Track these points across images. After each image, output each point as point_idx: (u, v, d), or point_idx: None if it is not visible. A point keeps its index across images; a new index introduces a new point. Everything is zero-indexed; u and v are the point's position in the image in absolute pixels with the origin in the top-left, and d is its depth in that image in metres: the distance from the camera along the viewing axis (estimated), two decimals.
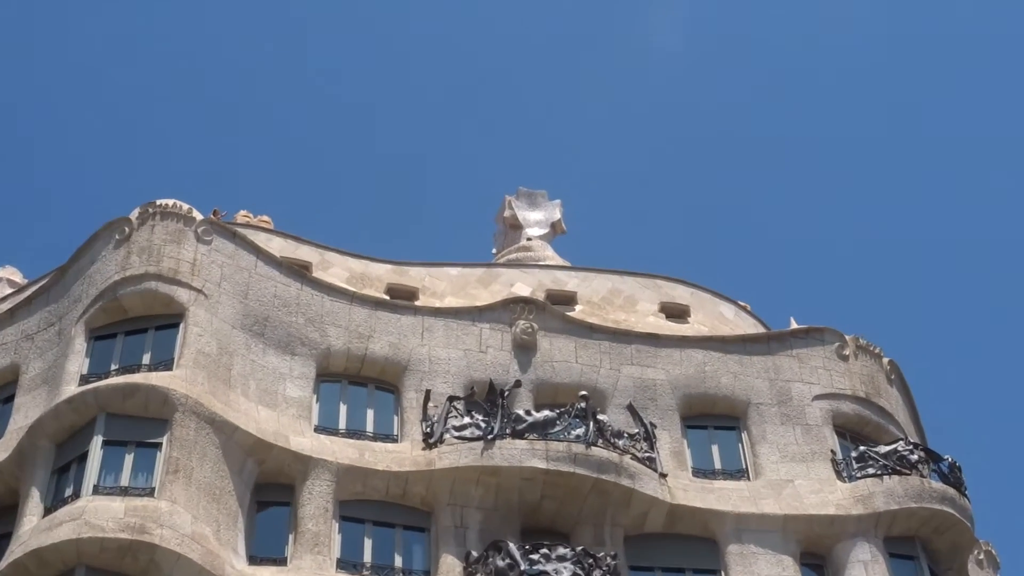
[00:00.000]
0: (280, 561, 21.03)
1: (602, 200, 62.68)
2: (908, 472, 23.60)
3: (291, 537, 21.36)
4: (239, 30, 66.12)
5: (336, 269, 27.32)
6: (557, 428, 22.58)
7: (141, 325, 22.84)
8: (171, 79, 65.37)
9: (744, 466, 24.07)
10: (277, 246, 26.86)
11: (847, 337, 26.20)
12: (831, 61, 66.65)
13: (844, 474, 23.82)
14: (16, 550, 19.88)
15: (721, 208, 65.33)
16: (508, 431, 22.48)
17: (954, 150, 64.70)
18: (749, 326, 28.76)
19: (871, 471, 23.65)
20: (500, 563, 20.88)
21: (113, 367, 22.17)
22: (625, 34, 67.44)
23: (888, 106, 65.84)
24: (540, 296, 27.44)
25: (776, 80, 66.62)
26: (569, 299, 27.98)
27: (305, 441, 22.22)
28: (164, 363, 22.08)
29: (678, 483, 23.21)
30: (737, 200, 65.30)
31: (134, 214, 24.07)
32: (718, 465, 24.09)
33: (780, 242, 64.49)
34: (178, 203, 24.30)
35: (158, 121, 65.13)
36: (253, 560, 20.92)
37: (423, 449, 22.52)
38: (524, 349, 24.68)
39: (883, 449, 24.02)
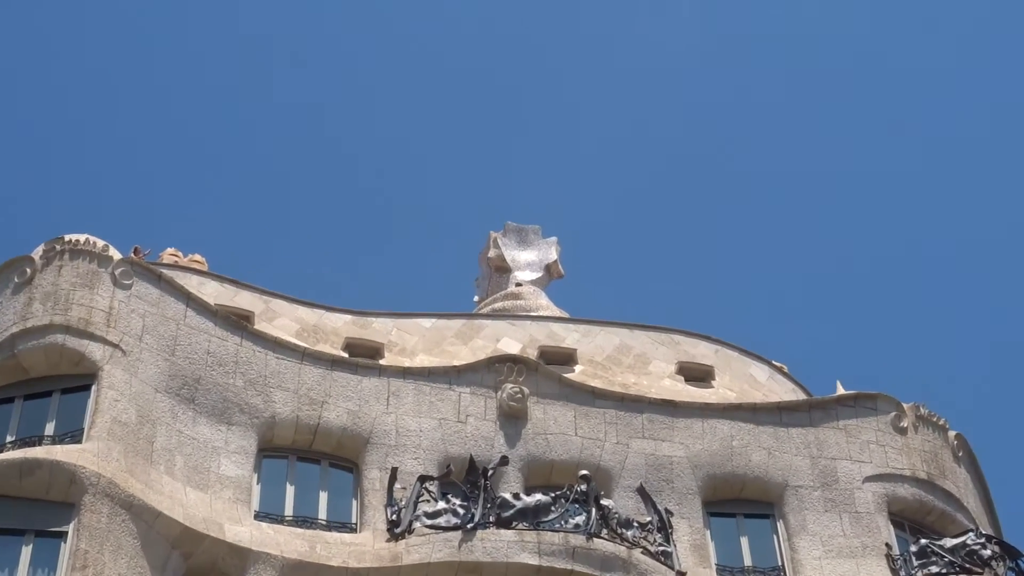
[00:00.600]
0: None
1: (606, 238, 62.98)
2: (980, 570, 23.59)
3: None
4: (169, 36, 66.63)
5: (284, 320, 27.32)
6: (552, 515, 22.50)
7: (44, 387, 22.77)
8: (84, 94, 65.77)
9: (780, 563, 24.08)
10: (212, 291, 26.87)
11: (905, 406, 26.26)
12: (866, 91, 67.22)
13: (902, 573, 23.80)
14: None
15: (750, 251, 65.61)
16: (492, 519, 22.40)
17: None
18: (786, 391, 28.81)
19: (934, 569, 23.62)
20: None
21: (9, 439, 22.08)
22: (635, 52, 68.14)
23: (941, 136, 66.34)
24: (532, 354, 27.46)
25: (810, 108, 67.25)
26: (567, 358, 28.03)
27: (243, 530, 22.10)
28: (71, 434, 21.99)
29: None
30: (769, 242, 65.73)
31: (37, 252, 24.09)
32: (748, 561, 24.10)
33: (823, 292, 64.81)
34: (91, 239, 24.32)
35: (68, 144, 65.43)
36: None
37: (388, 541, 22.41)
38: (512, 419, 24.69)
39: (949, 543, 24.02)
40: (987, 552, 23.91)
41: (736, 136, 67.43)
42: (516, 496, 22.83)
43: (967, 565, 23.64)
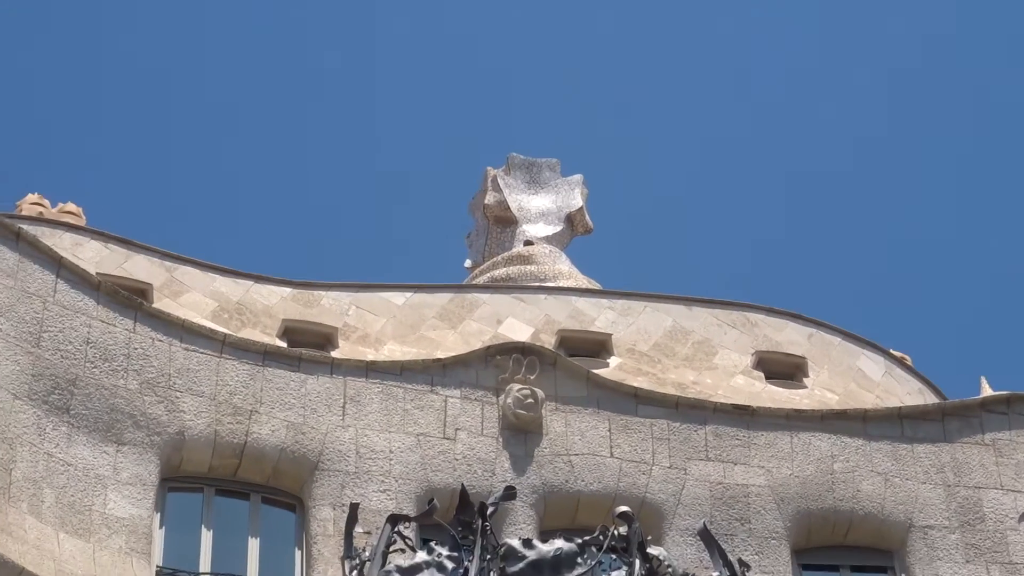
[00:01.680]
0: None
1: (650, 177, 63.07)
2: None
3: None
4: None
5: (195, 295, 27.44)
6: (579, 570, 22.54)
7: None
8: None
9: None
10: (93, 255, 27.01)
11: None
12: None
13: None
14: None
15: (854, 202, 65.77)
16: (494, 575, 22.53)
17: None
18: (910, 393, 28.99)
19: None
20: None
21: None
22: None
23: None
24: (549, 342, 27.67)
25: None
26: (599, 346, 28.31)
27: None
28: None
29: None
30: (881, 192, 65.90)
31: None
32: None
33: (956, 255, 64.97)
34: None
35: None
36: None
37: None
38: (521, 433, 24.86)
39: None
40: None
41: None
42: (527, 543, 22.85)
43: None
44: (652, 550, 22.96)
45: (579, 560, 22.66)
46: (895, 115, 68.08)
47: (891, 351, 30.26)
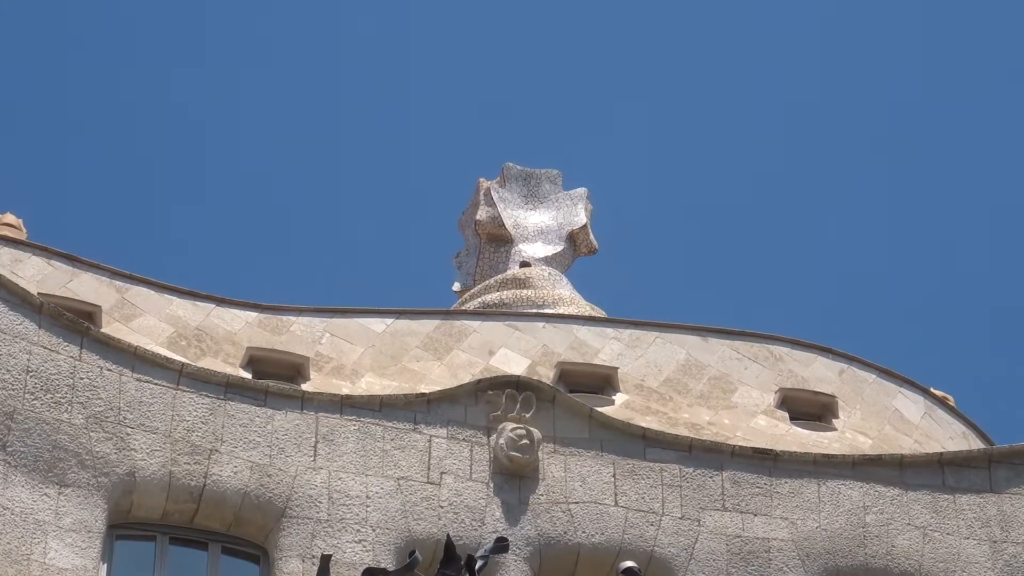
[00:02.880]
0: None
1: (663, 193, 63.20)
2: None
3: None
4: None
5: (149, 319, 27.52)
6: None
7: None
8: None
9: None
10: (34, 273, 27.05)
11: None
12: None
13: None
14: None
15: (884, 222, 65.93)
16: None
17: None
18: (952, 437, 29.04)
19: None
20: None
21: None
22: None
23: None
24: (546, 376, 27.72)
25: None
26: (604, 381, 28.39)
27: None
28: None
29: None
30: (913, 214, 66.06)
31: None
32: None
33: (1002, 288, 65.15)
34: None
35: None
36: None
37: None
38: (515, 478, 24.93)
39: None
40: None
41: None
42: None
43: None
44: None
45: None
46: (928, 141, 68.40)
47: (932, 390, 30.29)
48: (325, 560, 23.36)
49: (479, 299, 31.18)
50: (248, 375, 26.40)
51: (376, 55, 68.62)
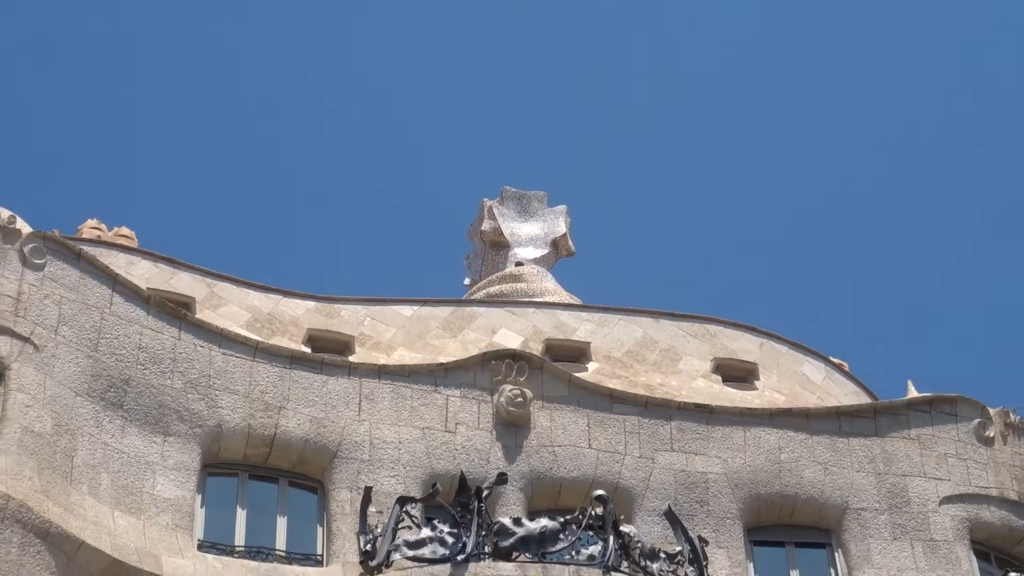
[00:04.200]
0: None
1: (626, 208, 63.09)
2: None
3: None
4: None
5: (232, 307, 27.44)
6: (560, 545, 22.58)
7: None
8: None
9: None
10: (143, 273, 27.05)
11: (991, 411, 26.44)
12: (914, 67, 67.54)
13: None
14: None
15: (798, 228, 65.78)
16: (488, 549, 22.46)
17: None
18: (846, 394, 29.00)
19: None
20: None
21: None
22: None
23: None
24: (536, 349, 27.67)
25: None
26: (579, 353, 28.23)
27: (185, 563, 22.26)
28: None
29: None
30: (822, 219, 65.90)
31: None
32: None
33: (888, 274, 64.99)
34: None
35: None
36: None
37: (361, 575, 22.59)
38: (512, 427, 24.85)
39: None
40: None
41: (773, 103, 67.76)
42: (517, 521, 22.85)
43: None
44: (624, 528, 22.97)
45: (561, 536, 22.63)
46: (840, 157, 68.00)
47: (830, 358, 30.26)
48: (367, 491, 23.31)
49: (484, 291, 31.12)
50: (308, 350, 26.35)
51: (410, 98, 68.44)
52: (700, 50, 69.40)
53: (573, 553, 22.52)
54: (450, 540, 22.59)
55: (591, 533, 22.73)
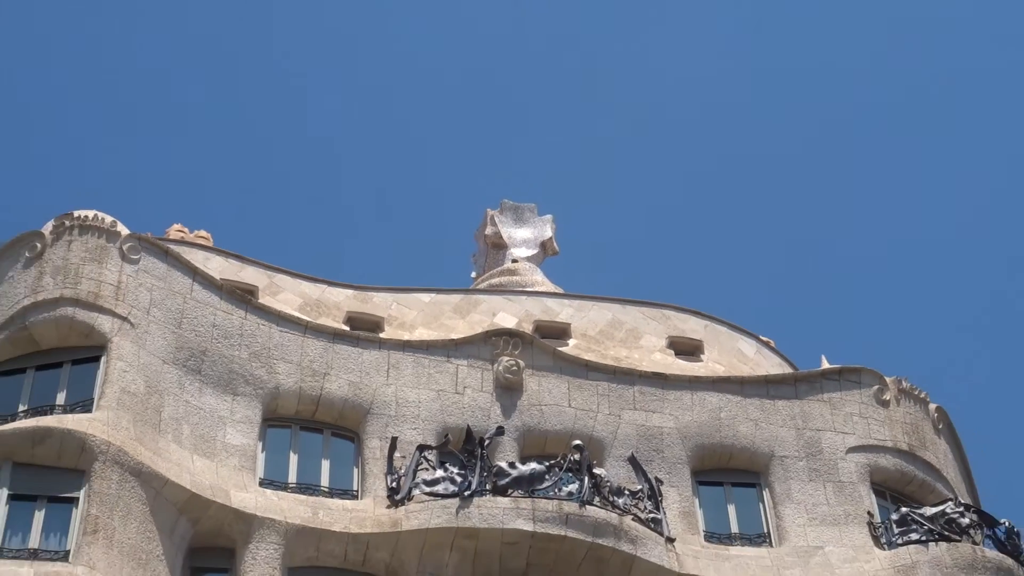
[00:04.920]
0: None
1: (600, 216, 62.99)
2: (958, 538, 23.70)
3: None
4: (171, 20, 66.51)
5: (287, 294, 27.39)
6: (546, 484, 22.62)
7: (55, 359, 22.83)
8: (89, 74, 65.78)
9: (766, 530, 24.18)
10: (217, 267, 26.94)
11: (888, 379, 26.36)
12: (844, 82, 67.20)
13: (883, 540, 23.92)
14: None
15: (739, 229, 65.66)
16: (488, 487, 22.51)
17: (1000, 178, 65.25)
18: (773, 365, 28.90)
19: (915, 537, 23.75)
20: None
21: (21, 408, 22.15)
22: (641, 39, 68.05)
23: (921, 134, 66.42)
24: (527, 328, 27.53)
25: (799, 96, 67.26)
26: (561, 332, 28.10)
27: (249, 497, 22.23)
28: (82, 404, 22.06)
29: (688, 549, 23.27)
30: (757, 220, 65.78)
31: (47, 227, 24.13)
32: (735, 528, 24.19)
33: (809, 268, 64.88)
34: (100, 215, 24.36)
35: (74, 122, 65.37)
36: None
37: (388, 507, 22.54)
38: (508, 390, 24.76)
39: (929, 511, 24.14)
40: (965, 520, 24.02)
41: (725, 119, 67.54)
42: (512, 465, 22.94)
43: (946, 533, 23.75)
44: (597, 470, 23.10)
45: (547, 477, 22.74)
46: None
47: (760, 336, 30.19)
48: (393, 440, 23.42)
49: (487, 282, 31.03)
50: (347, 328, 26.31)
51: (428, 128, 68.31)
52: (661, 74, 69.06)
53: (556, 490, 22.60)
54: (459, 479, 22.67)
55: (570, 474, 22.83)
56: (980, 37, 65.92)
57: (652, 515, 23.12)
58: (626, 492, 23.16)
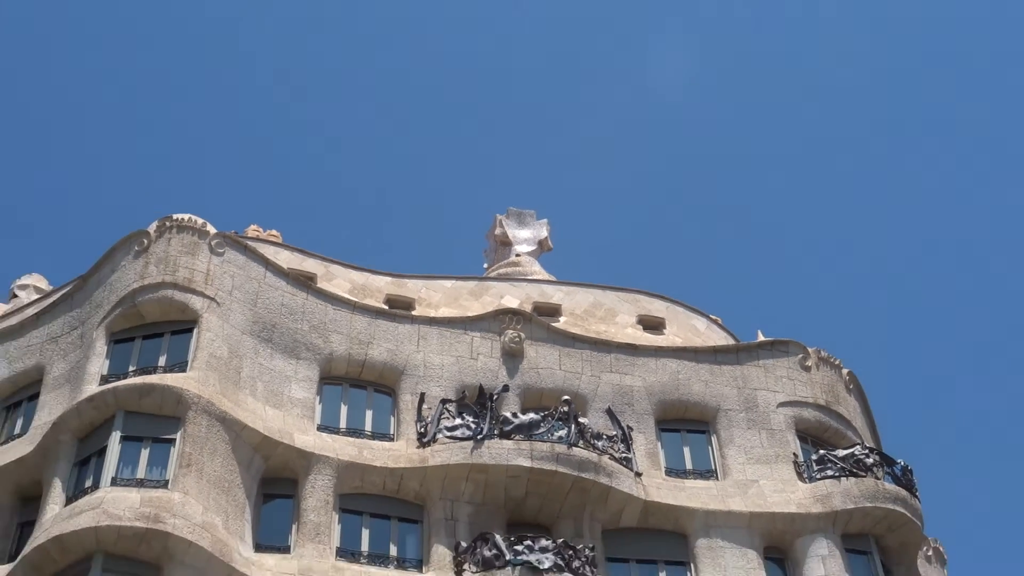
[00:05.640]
0: (284, 549, 21.06)
1: (586, 220, 62.95)
2: (864, 474, 23.69)
3: (294, 527, 21.39)
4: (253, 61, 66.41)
5: (339, 280, 27.40)
6: (541, 430, 22.64)
7: (157, 330, 22.86)
8: (198, 102, 65.74)
9: (713, 467, 24.14)
10: (285, 258, 26.95)
11: (810, 349, 26.29)
12: (802, 88, 66.94)
13: (805, 475, 23.88)
14: (39, 536, 19.95)
15: (695, 229, 65.66)
16: (496, 432, 22.55)
17: (908, 178, 65.12)
18: (720, 338, 28.86)
19: (830, 473, 23.73)
20: (487, 553, 20.98)
21: (131, 368, 22.19)
22: (619, 68, 67.73)
23: (855, 134, 66.23)
24: (527, 308, 27.51)
25: (741, 109, 67.00)
26: (554, 311, 28.07)
27: (308, 439, 22.26)
28: (178, 365, 22.11)
29: (652, 482, 23.26)
30: (710, 222, 65.74)
31: (152, 227, 24.12)
32: (689, 465, 24.14)
33: (750, 261, 64.89)
34: (193, 217, 24.36)
35: (178, 138, 65.36)
36: (259, 548, 20.94)
37: (417, 448, 22.57)
38: (512, 356, 24.73)
39: (841, 453, 24.11)
40: (870, 460, 24.06)
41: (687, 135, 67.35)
42: (514, 415, 22.96)
43: (854, 470, 23.77)
44: (581, 419, 23.12)
45: (542, 424, 22.75)
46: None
47: (710, 315, 30.18)
48: (422, 396, 23.43)
49: (496, 272, 30.97)
50: (386, 307, 26.36)
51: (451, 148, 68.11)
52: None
53: (549, 435, 22.62)
54: (473, 426, 22.71)
55: (560, 422, 22.85)
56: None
57: (624, 455, 23.16)
58: (604, 437, 23.19)
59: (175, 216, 24.27)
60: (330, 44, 66.65)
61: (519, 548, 21.00)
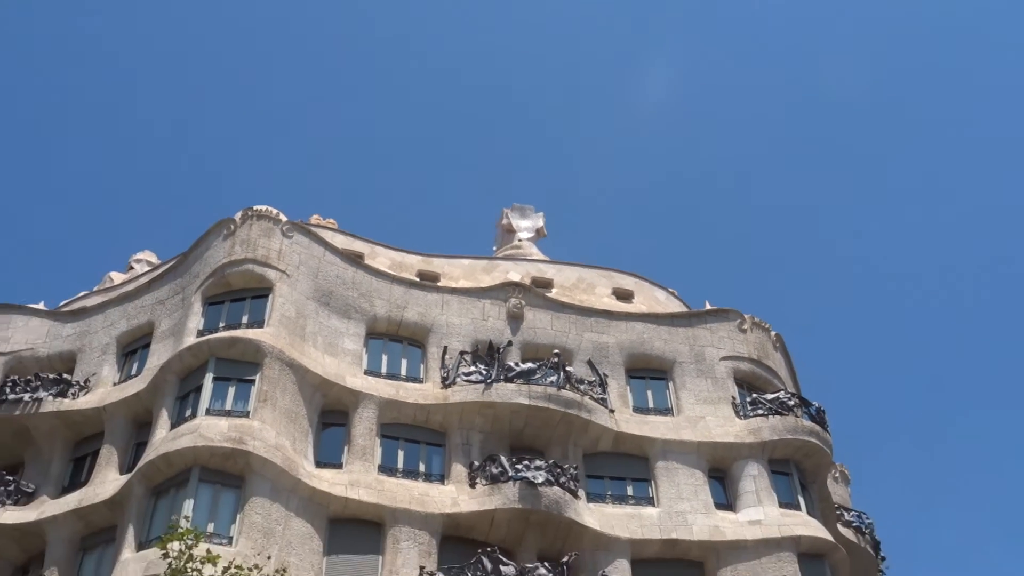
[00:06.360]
0: (337, 466, 21.28)
1: (574, 213, 62.92)
2: (787, 413, 23.87)
3: (346, 448, 21.58)
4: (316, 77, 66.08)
5: (381, 258, 27.53)
6: (537, 376, 22.79)
7: (241, 295, 23.01)
8: (275, 113, 65.34)
9: (670, 406, 24.25)
10: (340, 241, 27.09)
11: (745, 316, 26.30)
12: (771, 94, 66.15)
13: (741, 413, 23.99)
14: (150, 453, 20.30)
15: (660, 220, 65.54)
16: (502, 377, 22.72)
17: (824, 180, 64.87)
18: (676, 306, 28.92)
19: (760, 412, 23.87)
20: (494, 470, 21.22)
21: (221, 324, 22.38)
22: (609, 83, 67.22)
23: (799, 140, 65.90)
24: (527, 281, 27.57)
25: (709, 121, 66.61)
26: (547, 284, 28.12)
27: (357, 381, 22.41)
28: (258, 323, 22.28)
29: (622, 417, 23.40)
30: (672, 215, 65.58)
31: (237, 216, 24.22)
32: (651, 405, 24.26)
33: (701, 246, 64.88)
34: (270, 208, 24.48)
35: (263, 143, 65.21)
36: (319, 464, 21.16)
37: (441, 388, 22.73)
38: (514, 319, 24.78)
39: (769, 396, 24.23)
40: (792, 402, 24.16)
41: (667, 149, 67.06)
42: (516, 364, 23.07)
43: (779, 410, 23.89)
44: (568, 368, 23.19)
45: (537, 372, 22.84)
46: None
47: (669, 288, 30.23)
48: (444, 348, 23.41)
49: (503, 253, 30.85)
50: (418, 279, 26.38)
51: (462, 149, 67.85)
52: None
53: (543, 380, 22.72)
54: (484, 373, 22.83)
55: (552, 370, 22.94)
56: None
57: (601, 396, 23.31)
58: (585, 382, 23.35)
59: (255, 207, 24.33)
60: (381, 55, 66.07)
61: (519, 467, 21.19)
